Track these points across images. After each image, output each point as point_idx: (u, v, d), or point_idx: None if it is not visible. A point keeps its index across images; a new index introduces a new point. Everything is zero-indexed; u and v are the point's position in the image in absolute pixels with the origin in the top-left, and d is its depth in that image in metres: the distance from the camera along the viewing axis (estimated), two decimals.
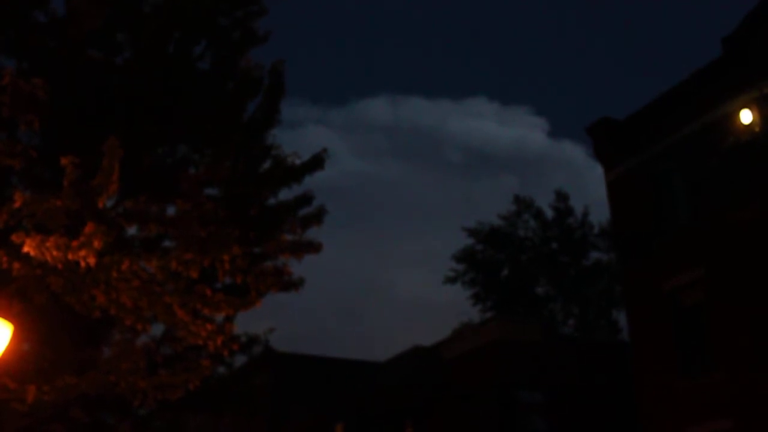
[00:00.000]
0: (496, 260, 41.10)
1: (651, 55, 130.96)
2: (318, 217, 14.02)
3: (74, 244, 10.51)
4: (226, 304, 12.50)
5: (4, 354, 10.46)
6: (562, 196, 41.70)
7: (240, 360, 23.59)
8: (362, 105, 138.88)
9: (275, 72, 13.85)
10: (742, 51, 21.41)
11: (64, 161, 10.58)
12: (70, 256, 10.59)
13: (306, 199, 14.13)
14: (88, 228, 10.53)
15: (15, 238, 10.63)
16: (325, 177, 14.62)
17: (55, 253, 10.49)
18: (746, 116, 20.42)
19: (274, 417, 34.06)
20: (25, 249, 10.55)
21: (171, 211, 12.53)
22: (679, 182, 23.15)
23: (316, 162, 14.05)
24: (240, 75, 13.64)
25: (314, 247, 13.78)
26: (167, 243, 12.64)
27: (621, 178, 24.53)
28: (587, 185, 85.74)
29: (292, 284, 14.02)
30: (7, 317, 10.53)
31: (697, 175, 22.22)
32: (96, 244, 10.55)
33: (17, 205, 10.60)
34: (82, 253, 10.56)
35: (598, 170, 25.76)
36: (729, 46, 21.84)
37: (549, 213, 41.78)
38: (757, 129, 20.51)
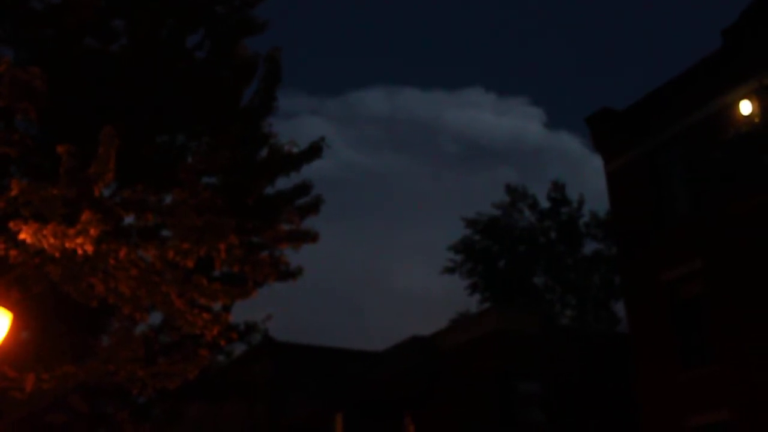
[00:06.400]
0: (493, 250, 41.15)
1: (649, 46, 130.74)
2: (315, 206, 14.04)
3: (71, 231, 10.54)
4: (223, 293, 12.53)
5: (3, 342, 10.50)
6: (558, 186, 41.75)
7: (239, 348, 23.68)
8: (357, 96, 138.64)
9: (271, 59, 13.86)
10: (742, 42, 21.38)
11: (60, 150, 10.60)
12: (67, 244, 10.62)
13: (304, 188, 14.14)
14: (85, 216, 10.56)
15: (12, 225, 10.67)
16: (321, 168, 14.68)
17: (52, 240, 10.51)
18: (746, 107, 20.41)
19: (274, 406, 34.16)
20: (22, 236, 10.58)
21: (169, 200, 12.56)
22: (678, 173, 23.15)
23: (314, 150, 14.06)
24: (235, 63, 13.64)
25: (311, 237, 13.80)
26: (165, 232, 12.67)
27: (620, 169, 24.53)
28: (585, 176, 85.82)
29: (289, 274, 14.07)
30: (5, 305, 10.57)
31: (697, 167, 22.21)
32: (93, 232, 10.57)
33: (14, 193, 10.62)
34: (79, 240, 10.58)
35: (596, 161, 25.81)
36: (728, 37, 21.81)
37: (545, 203, 41.88)
38: (756, 120, 20.48)
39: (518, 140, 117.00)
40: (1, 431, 13.43)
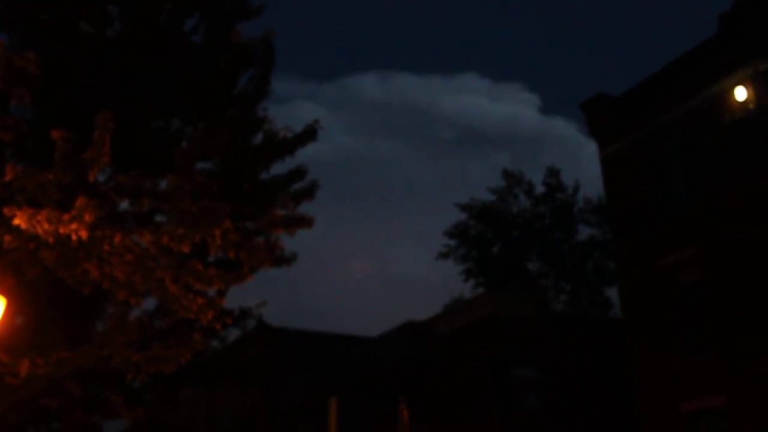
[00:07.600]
0: (487, 236, 41.16)
1: (645, 31, 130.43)
2: (310, 191, 14.06)
3: (65, 217, 10.51)
4: (218, 278, 12.51)
5: None
6: (553, 172, 41.74)
7: (234, 334, 23.68)
8: (352, 81, 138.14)
9: (265, 43, 13.82)
10: (738, 28, 21.31)
11: (55, 135, 10.56)
12: (61, 230, 10.58)
13: (299, 173, 14.14)
14: (80, 201, 10.53)
15: (6, 211, 10.63)
16: (315, 153, 14.67)
17: (46, 226, 10.48)
18: (741, 93, 20.41)
19: (269, 391, 34.23)
20: (16, 222, 10.55)
21: (164, 185, 12.54)
22: (674, 159, 23.12)
23: (309, 134, 14.06)
24: (232, 48, 13.58)
25: (306, 222, 13.81)
26: (160, 218, 12.65)
27: (616, 154, 24.50)
28: (580, 162, 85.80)
29: (284, 260, 14.10)
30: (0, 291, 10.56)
31: (693, 153, 22.20)
32: (87, 217, 10.54)
33: (8, 178, 10.60)
34: (74, 226, 10.55)
35: (591, 147, 25.76)
36: (725, 22, 21.75)
37: (540, 189, 41.86)
38: (751, 106, 20.50)
39: (513, 126, 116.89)
40: None
